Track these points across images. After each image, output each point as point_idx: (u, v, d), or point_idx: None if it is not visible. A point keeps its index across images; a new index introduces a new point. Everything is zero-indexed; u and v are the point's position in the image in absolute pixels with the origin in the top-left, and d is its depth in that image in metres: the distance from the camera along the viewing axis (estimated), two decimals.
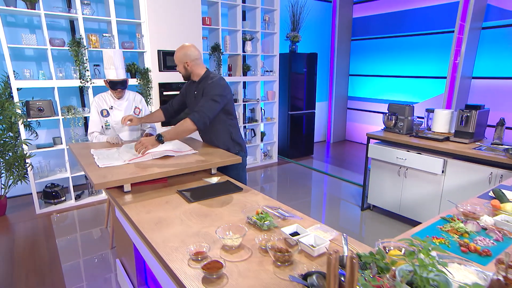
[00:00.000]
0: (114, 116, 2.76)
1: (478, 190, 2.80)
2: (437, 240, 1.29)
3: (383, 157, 3.43)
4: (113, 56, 2.55)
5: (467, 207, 1.53)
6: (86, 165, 1.94)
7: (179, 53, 2.26)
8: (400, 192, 3.41)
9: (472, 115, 3.03)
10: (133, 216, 1.51)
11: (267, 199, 1.75)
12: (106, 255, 2.86)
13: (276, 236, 1.29)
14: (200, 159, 2.10)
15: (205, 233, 1.37)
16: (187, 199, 1.70)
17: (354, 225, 3.54)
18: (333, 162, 5.81)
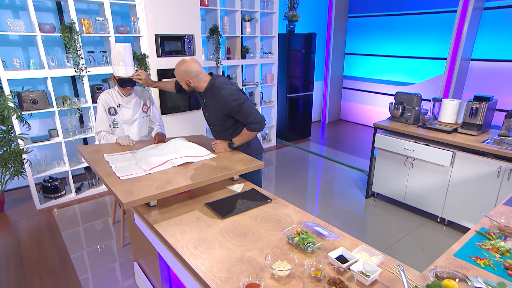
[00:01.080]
0: (122, 115, 2.63)
1: (486, 183, 2.88)
2: (481, 261, 1.32)
3: (390, 148, 3.45)
4: (123, 52, 2.39)
5: (500, 220, 1.56)
6: (106, 176, 1.86)
7: (179, 71, 2.16)
8: (406, 181, 3.47)
9: (481, 107, 3.05)
10: (169, 239, 1.47)
11: (298, 211, 1.73)
12: (120, 254, 2.83)
13: (323, 260, 1.28)
14: (221, 165, 2.04)
15: (249, 258, 1.35)
16: (219, 215, 1.66)
17: (359, 213, 3.61)
18: (331, 145, 5.84)
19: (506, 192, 2.78)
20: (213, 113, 2.28)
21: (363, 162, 4.99)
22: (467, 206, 3.07)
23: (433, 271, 1.20)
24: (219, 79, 2.23)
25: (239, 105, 2.15)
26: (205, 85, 2.21)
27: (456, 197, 3.12)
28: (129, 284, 2.47)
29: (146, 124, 2.79)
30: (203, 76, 2.20)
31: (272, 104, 5.51)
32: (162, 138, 2.55)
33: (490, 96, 3.10)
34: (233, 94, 2.15)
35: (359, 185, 4.25)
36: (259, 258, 1.35)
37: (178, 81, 2.25)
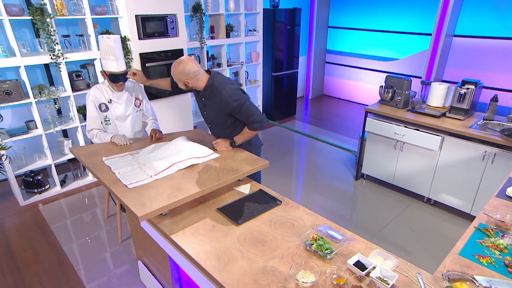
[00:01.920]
0: (114, 111, 2.57)
1: (471, 166, 3.09)
2: (483, 259, 1.47)
3: (381, 132, 3.59)
4: (114, 46, 2.30)
5: (496, 215, 1.72)
6: (112, 185, 1.86)
7: (176, 71, 2.11)
8: (395, 164, 3.66)
9: (469, 92, 3.21)
10: (190, 251, 1.53)
11: (310, 213, 1.82)
12: (119, 250, 2.87)
13: (342, 267, 1.40)
14: (227, 166, 2.08)
15: (272, 268, 1.43)
16: (233, 222, 1.73)
17: (349, 195, 3.81)
18: (317, 123, 5.95)
19: (490, 175, 3.01)
20: (213, 113, 2.27)
21: (351, 142, 5.16)
22: (452, 188, 3.30)
23: (446, 275, 1.33)
24: (217, 77, 2.21)
25: (240, 105, 2.15)
26: (204, 85, 2.19)
27: (443, 179, 3.34)
28: (134, 282, 2.53)
29: (140, 119, 2.74)
30: (201, 76, 2.16)
31: (258, 84, 5.49)
32: (159, 135, 2.53)
33: (477, 81, 3.26)
34: (233, 94, 2.15)
35: (348, 166, 4.43)
36: (281, 267, 1.44)
37: (175, 81, 2.20)
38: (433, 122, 3.24)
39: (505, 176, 2.89)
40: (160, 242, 1.95)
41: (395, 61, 6.32)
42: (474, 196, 3.18)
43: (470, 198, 3.21)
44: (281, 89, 5.86)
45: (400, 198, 3.70)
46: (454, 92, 3.31)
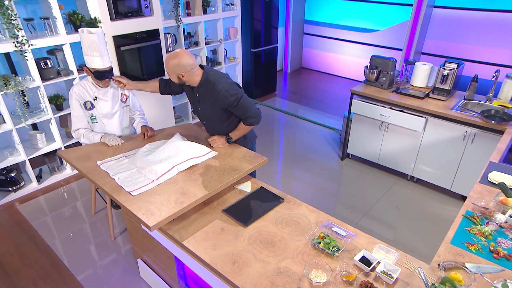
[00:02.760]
0: (100, 108, 2.57)
1: (453, 146, 3.38)
2: (472, 246, 1.72)
3: (367, 113, 3.80)
4: (98, 41, 2.27)
5: (481, 202, 1.98)
6: (115, 192, 1.93)
7: (171, 63, 2.13)
8: (380, 144, 3.91)
9: (451, 73, 3.44)
10: (204, 256, 1.67)
11: (312, 210, 2.00)
12: (114, 248, 2.96)
13: (349, 262, 1.60)
14: (227, 165, 2.20)
15: (285, 269, 1.61)
16: (241, 223, 1.87)
17: (336, 175, 4.06)
18: (298, 100, 6.10)
19: (469, 154, 3.31)
20: (208, 108, 2.34)
21: (334, 119, 5.37)
22: (435, 166, 3.61)
23: (442, 265, 1.57)
24: (211, 72, 2.27)
25: (236, 100, 2.24)
26: (198, 79, 2.24)
27: (426, 158, 3.64)
28: (134, 279, 2.66)
29: (127, 115, 2.76)
30: (196, 70, 2.21)
31: (237, 61, 5.50)
32: (151, 133, 2.57)
33: (459, 61, 3.49)
34: (230, 89, 2.23)
35: (332, 145, 4.65)
36: (294, 267, 1.62)
37: (169, 74, 2.23)
38: (417, 103, 3.46)
39: (484, 155, 3.20)
40: (164, 243, 2.08)
41: (375, 32, 6.48)
42: (454, 173, 3.50)
43: (451, 175, 3.53)
44: (261, 66, 5.90)
45: (386, 177, 3.99)
46: (437, 73, 3.53)
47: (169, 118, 4.69)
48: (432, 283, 1.46)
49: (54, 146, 3.78)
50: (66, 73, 3.70)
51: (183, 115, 5.12)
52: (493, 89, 3.48)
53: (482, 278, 1.51)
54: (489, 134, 3.12)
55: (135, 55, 4.07)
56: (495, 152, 2.60)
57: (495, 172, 2.30)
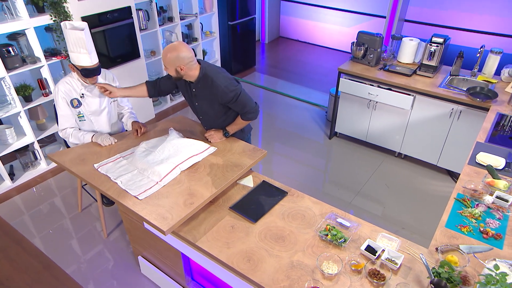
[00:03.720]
0: (88, 106, 2.64)
1: (439, 123, 3.70)
2: (464, 228, 2.02)
3: (355, 92, 4.03)
4: (85, 38, 2.31)
5: (471, 185, 2.28)
6: (121, 197, 2.07)
7: (170, 56, 2.20)
8: (368, 122, 4.18)
9: (438, 49, 3.70)
10: (220, 256, 1.87)
11: (315, 201, 2.23)
12: (109, 245, 3.12)
13: (355, 252, 1.86)
14: (228, 161, 2.37)
15: (298, 262, 1.85)
16: (250, 220, 2.08)
17: (325, 154, 4.33)
18: (279, 74, 6.24)
19: (456, 130, 3.64)
20: (205, 103, 2.47)
21: (318, 95, 5.58)
22: (422, 143, 3.94)
23: (440, 249, 1.85)
24: (209, 67, 2.38)
25: (236, 95, 2.38)
26: (196, 74, 2.34)
27: (413, 135, 3.95)
28: (136, 276, 2.85)
29: (115, 111, 2.83)
30: (194, 63, 2.30)
31: (214, 36, 5.52)
32: (144, 129, 2.67)
33: (445, 36, 3.75)
34: (229, 85, 2.36)
35: (319, 123, 4.90)
36: (306, 260, 1.85)
37: (166, 67, 2.27)
38: (405, 81, 3.72)
39: (470, 132, 3.54)
40: (170, 241, 2.26)
41: None
42: (440, 149, 3.85)
43: (437, 151, 3.88)
44: (239, 39, 5.95)
45: (374, 154, 4.30)
46: (424, 49, 3.78)
47: (146, 101, 4.73)
48: (432, 266, 1.74)
49: (25, 141, 3.78)
50: (32, 61, 3.64)
51: (161, 98, 5.16)
52: (478, 64, 3.78)
53: (475, 259, 1.82)
54: (475, 111, 3.44)
55: (108, 37, 4.04)
56: (481, 131, 2.91)
57: (482, 153, 2.60)
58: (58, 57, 3.79)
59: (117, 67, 4.22)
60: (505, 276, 1.53)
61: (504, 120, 3.10)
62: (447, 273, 1.67)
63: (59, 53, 3.85)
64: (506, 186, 2.26)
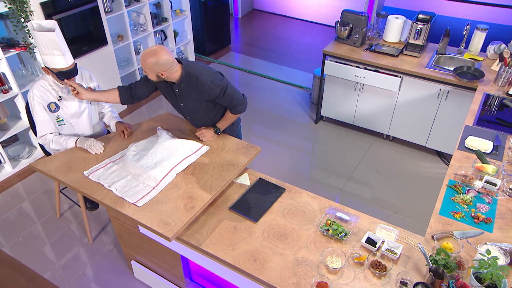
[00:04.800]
0: (67, 108, 2.74)
1: (427, 104, 4.02)
2: (457, 214, 2.33)
3: (341, 75, 4.27)
4: (57, 39, 2.40)
5: (461, 171, 2.59)
6: (118, 205, 2.24)
7: (149, 62, 2.32)
8: (355, 105, 4.46)
9: (425, 28, 3.98)
10: (226, 258, 2.10)
11: (313, 196, 2.49)
12: (95, 252, 3.28)
13: (356, 244, 2.14)
14: (223, 160, 2.57)
15: (303, 259, 2.10)
16: (251, 219, 2.31)
17: (312, 139, 4.61)
18: (257, 54, 6.40)
19: (443, 110, 3.98)
20: (192, 103, 2.63)
21: (301, 75, 5.80)
22: (410, 124, 4.27)
23: (435, 236, 2.16)
24: (190, 65, 2.53)
25: (223, 90, 2.55)
26: (178, 75, 2.48)
27: (401, 116, 4.27)
28: (129, 281, 3.05)
29: (96, 111, 2.94)
30: (175, 66, 2.44)
31: (185, 14, 5.59)
32: (130, 131, 2.80)
33: (432, 14, 4.02)
34: (215, 79, 2.52)
35: (303, 107, 5.14)
36: (310, 256, 2.11)
37: (146, 72, 2.41)
38: (392, 62, 3.99)
39: (457, 112, 3.87)
40: (168, 245, 2.47)
41: None
42: (429, 130, 4.19)
43: (426, 132, 4.22)
44: (212, 17, 6.03)
45: (363, 138, 4.61)
46: (411, 28, 4.04)
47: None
48: (429, 254, 2.04)
49: None
50: None
51: None
52: (464, 41, 4.09)
53: (468, 244, 2.13)
54: (462, 91, 3.76)
55: (71, 23, 4.06)
56: (469, 114, 3.23)
57: (471, 137, 2.92)
58: (16, 49, 3.80)
59: (83, 57, 4.26)
60: (496, 260, 1.84)
61: (490, 99, 3.44)
62: (444, 260, 1.97)
63: (17, 44, 3.86)
64: (494, 170, 2.58)
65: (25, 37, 3.84)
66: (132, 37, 4.87)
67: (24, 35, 3.83)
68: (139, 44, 5.12)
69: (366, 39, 4.36)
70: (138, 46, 5.10)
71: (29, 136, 4.26)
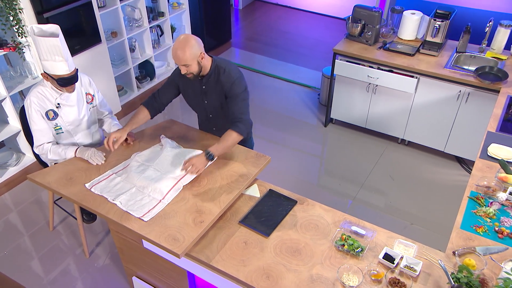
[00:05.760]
0: (66, 116, 2.85)
1: (446, 106, 4.14)
2: (479, 229, 2.45)
3: (352, 75, 4.39)
4: (61, 45, 2.51)
5: (483, 182, 2.71)
6: (123, 220, 2.35)
7: (188, 48, 2.43)
8: (368, 107, 4.58)
9: (443, 25, 4.09)
10: (238, 275, 2.21)
11: (327, 209, 2.60)
12: (93, 267, 3.40)
13: (373, 261, 2.25)
14: (231, 171, 2.69)
15: (318, 276, 2.22)
16: (262, 234, 2.43)
17: (321, 143, 4.75)
18: (260, 50, 6.52)
19: (463, 114, 4.10)
20: (216, 99, 2.76)
21: (308, 73, 5.92)
22: (427, 127, 4.39)
23: (457, 252, 2.28)
24: (218, 58, 2.72)
25: (243, 91, 2.68)
26: (209, 65, 2.65)
27: (418, 119, 4.39)
28: None
29: (95, 118, 3.05)
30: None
31: (183, 8, 5.71)
32: (133, 139, 2.91)
33: (451, 8, 4.14)
34: (241, 76, 2.70)
35: (311, 108, 5.26)
36: (325, 273, 2.23)
37: (187, 65, 2.50)
38: (408, 62, 4.11)
39: (479, 115, 3.99)
40: (175, 260, 2.59)
41: None
42: (448, 134, 4.31)
43: (444, 136, 4.34)
44: (211, 8, 6.15)
45: (376, 142, 4.73)
46: (428, 24, 4.16)
47: (110, 93, 4.92)
48: (451, 272, 2.16)
49: None
50: None
51: (126, 86, 5.35)
52: (486, 39, 4.21)
53: (492, 261, 2.25)
54: (484, 93, 3.88)
55: (63, 21, 4.14)
56: (491, 119, 3.35)
57: (494, 145, 3.04)
58: (5, 49, 3.90)
59: (75, 57, 4.35)
60: None
61: None
62: (466, 278, 2.09)
63: (5, 44, 3.96)
64: None
65: (14, 36, 3.94)
66: (127, 34, 4.98)
67: (13, 34, 3.94)
68: (134, 41, 5.22)
69: (380, 36, 4.47)
70: (133, 43, 5.21)
71: (17, 141, 4.36)
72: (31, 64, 4.13)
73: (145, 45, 5.39)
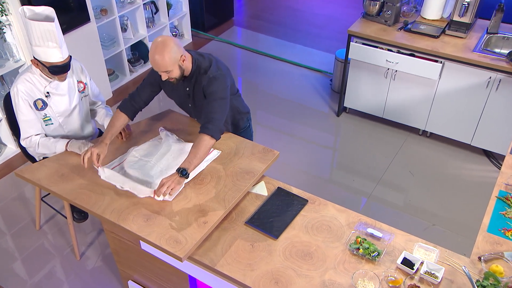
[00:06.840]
0: (56, 106, 2.93)
1: (473, 94, 4.21)
2: (508, 232, 2.54)
3: (369, 59, 4.45)
4: (56, 31, 2.57)
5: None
6: (120, 220, 2.45)
7: (167, 53, 2.43)
8: (386, 95, 4.65)
9: (473, 3, 4.13)
10: (244, 280, 2.30)
11: (341, 209, 2.69)
12: (84, 270, 3.51)
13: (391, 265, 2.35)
14: (236, 167, 2.77)
15: (331, 282, 2.31)
16: (271, 236, 2.52)
17: (334, 135, 4.84)
18: (265, 29, 6.55)
19: (493, 103, 4.17)
20: (200, 100, 2.81)
21: (318, 55, 5.97)
22: (452, 118, 4.46)
23: (483, 258, 2.37)
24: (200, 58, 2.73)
25: (220, 91, 2.67)
26: (190, 66, 2.68)
27: (441, 109, 4.46)
28: None
29: (87, 107, 3.13)
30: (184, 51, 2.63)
31: None
32: (129, 131, 2.99)
33: None
34: (220, 80, 2.67)
35: (322, 95, 5.34)
36: (338, 279, 2.32)
37: (167, 71, 2.52)
38: (432, 45, 4.17)
39: (510, 104, 4.05)
40: (176, 264, 2.69)
41: None
42: (475, 126, 4.38)
43: (471, 128, 4.41)
44: None
45: (394, 134, 4.81)
46: (455, 2, 4.19)
47: (100, 78, 4.99)
48: (476, 279, 2.25)
49: None
50: None
51: (118, 70, 5.42)
52: None
53: None
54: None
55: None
56: None
57: None
58: None
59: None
60: None
61: None
62: (493, 286, 2.18)
63: None
64: None
65: None
66: (118, 11, 5.04)
67: None
68: (125, 19, 5.28)
69: (401, 16, 4.52)
70: (125, 22, 5.27)
71: None
72: (13, 45, 4.18)
73: (138, 24, 5.44)
